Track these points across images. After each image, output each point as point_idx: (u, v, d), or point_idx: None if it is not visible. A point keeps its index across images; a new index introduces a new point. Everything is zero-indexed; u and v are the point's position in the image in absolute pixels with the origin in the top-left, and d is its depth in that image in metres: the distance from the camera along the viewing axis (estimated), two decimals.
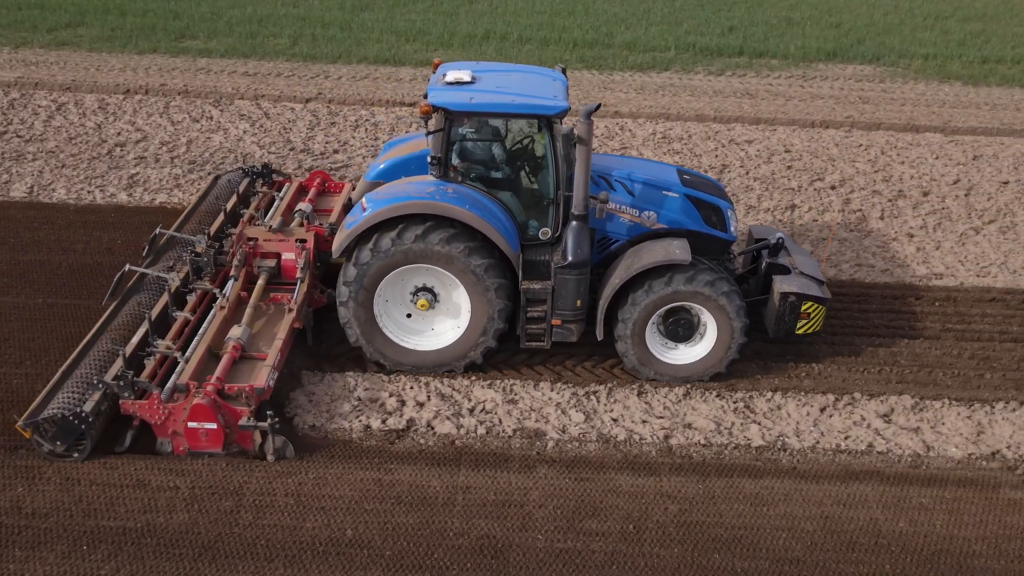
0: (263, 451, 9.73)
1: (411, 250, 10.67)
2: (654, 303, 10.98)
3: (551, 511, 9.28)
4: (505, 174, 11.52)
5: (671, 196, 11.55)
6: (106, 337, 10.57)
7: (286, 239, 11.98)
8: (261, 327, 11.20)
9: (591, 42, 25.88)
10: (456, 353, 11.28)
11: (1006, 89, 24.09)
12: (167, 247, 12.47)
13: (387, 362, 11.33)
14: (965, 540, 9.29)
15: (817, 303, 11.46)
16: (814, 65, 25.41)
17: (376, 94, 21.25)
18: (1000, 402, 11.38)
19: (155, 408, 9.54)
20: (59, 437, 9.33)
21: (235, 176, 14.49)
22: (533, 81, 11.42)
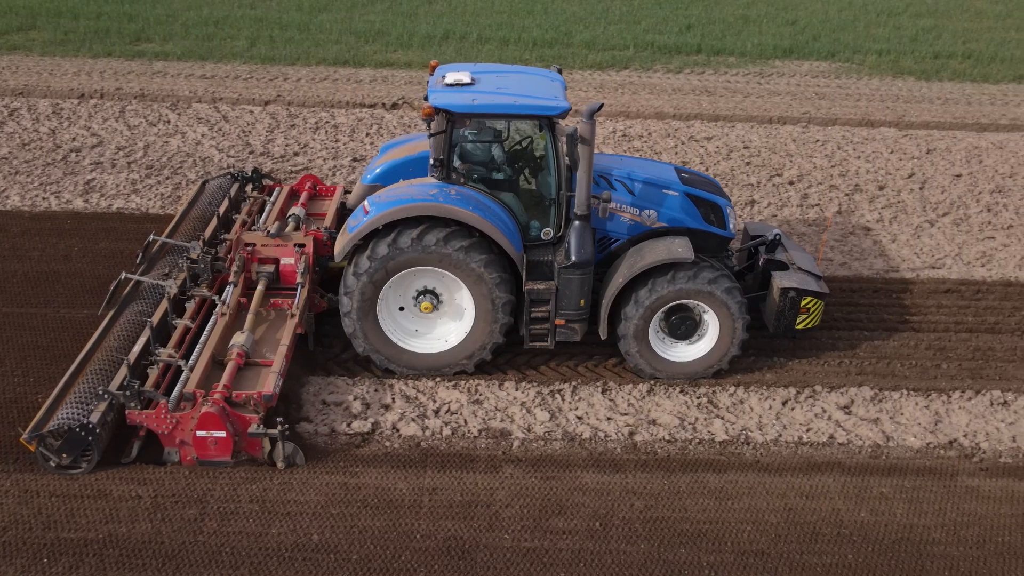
0: (272, 458, 9.65)
1: (415, 253, 10.62)
2: (657, 302, 11.04)
3: (518, 510, 9.30)
4: (507, 175, 11.54)
5: (671, 194, 11.61)
6: (106, 347, 10.42)
7: (284, 244, 11.87)
8: (263, 333, 11.12)
9: (550, 41, 25.94)
10: (463, 352, 11.26)
11: (957, 84, 24.52)
12: (159, 254, 12.33)
13: (395, 367, 11.31)
14: (925, 528, 9.45)
15: (816, 298, 11.61)
16: (771, 62, 25.67)
17: (336, 96, 21.15)
18: (956, 391, 11.59)
19: (162, 418, 9.42)
20: (65, 449, 9.19)
21: (224, 181, 14.34)
22: (532, 82, 11.43)
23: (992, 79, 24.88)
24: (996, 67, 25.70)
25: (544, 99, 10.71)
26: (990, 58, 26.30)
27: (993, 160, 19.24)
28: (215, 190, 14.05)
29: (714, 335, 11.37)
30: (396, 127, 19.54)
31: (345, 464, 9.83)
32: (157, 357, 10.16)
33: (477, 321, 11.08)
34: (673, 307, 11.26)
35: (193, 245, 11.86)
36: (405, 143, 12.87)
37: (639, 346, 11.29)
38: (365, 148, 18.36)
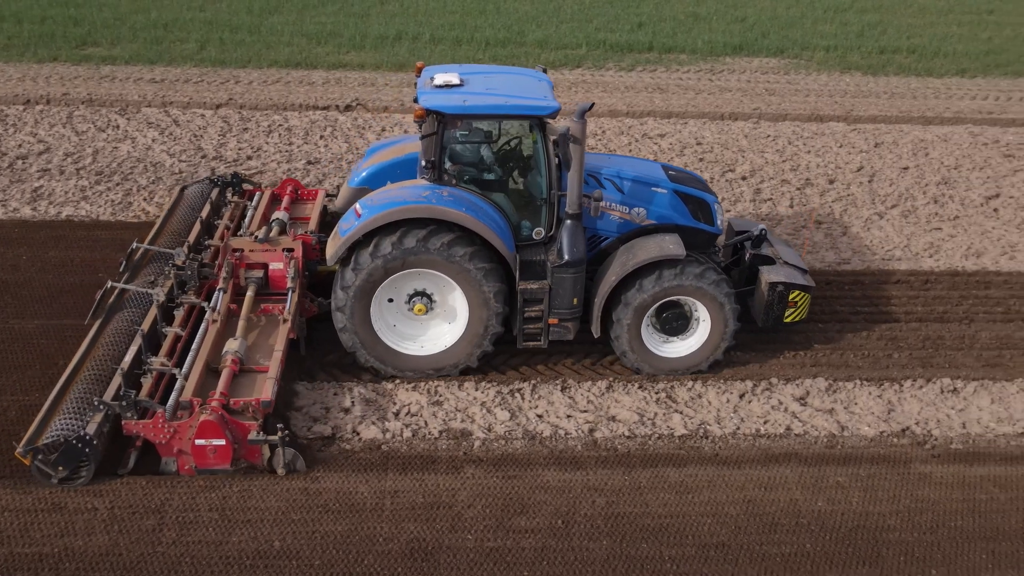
0: (272, 465, 9.58)
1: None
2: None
3: (480, 510, 9.31)
4: (498, 176, 11.55)
5: (660, 192, 11.69)
6: (96, 356, 10.25)
7: (273, 249, 11.76)
8: (255, 339, 11.01)
9: (503, 41, 25.97)
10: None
11: (903, 78, 24.98)
12: (142, 262, 12.16)
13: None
14: (880, 515, 9.63)
15: (803, 291, 11.79)
16: (721, 59, 25.96)
17: (289, 98, 20.99)
18: (908, 380, 11.82)
19: (160, 427, 9.30)
20: (62, 462, 9.01)
21: (203, 186, 14.15)
22: (520, 82, 11.46)
23: (936, 73, 25.39)
24: (939, 61, 26.23)
25: (535, 99, 10.77)
26: (933, 53, 26.85)
27: (939, 152, 19.64)
28: (195, 196, 13.89)
29: (706, 329, 11.51)
30: (350, 129, 19.44)
31: (306, 468, 9.76)
32: (150, 366, 10.02)
33: (471, 325, 11.09)
34: (664, 304, 11.36)
35: (178, 252, 11.70)
36: (391, 145, 12.85)
37: (632, 344, 11.39)
38: (319, 151, 18.24)
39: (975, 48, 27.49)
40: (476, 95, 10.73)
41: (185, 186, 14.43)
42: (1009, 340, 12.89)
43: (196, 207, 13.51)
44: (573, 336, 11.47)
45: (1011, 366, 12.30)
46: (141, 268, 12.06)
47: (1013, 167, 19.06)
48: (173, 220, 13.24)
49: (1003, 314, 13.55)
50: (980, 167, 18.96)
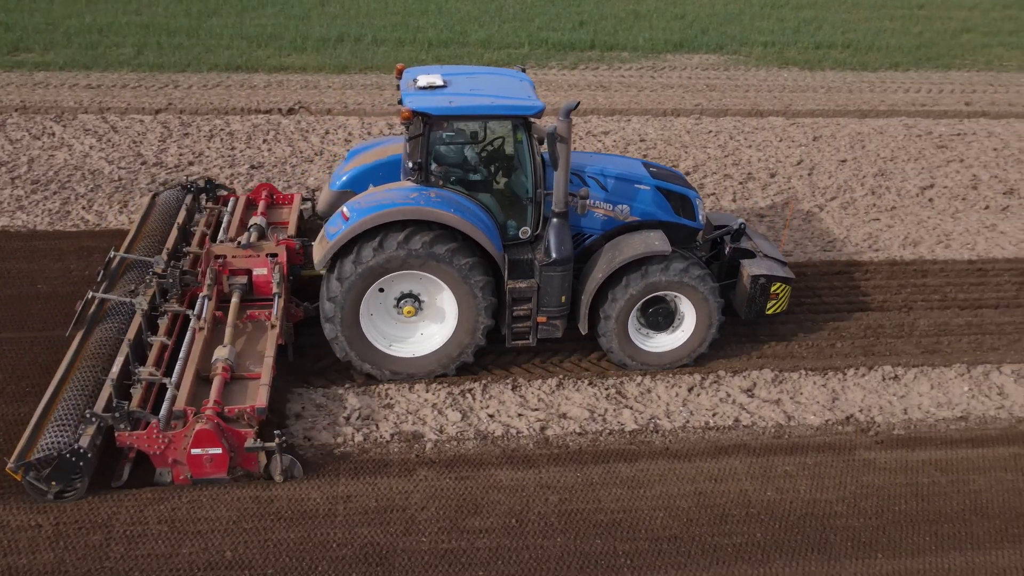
0: (269, 472, 9.50)
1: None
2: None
3: (433, 512, 9.31)
4: (484, 176, 11.56)
5: (643, 189, 11.80)
6: (81, 368, 10.05)
7: (256, 255, 11.64)
8: (242, 346, 10.87)
9: (446, 41, 25.94)
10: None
11: (839, 73, 25.47)
12: (119, 270, 11.94)
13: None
14: (827, 502, 9.82)
15: (784, 283, 12.02)
16: (662, 56, 26.22)
17: (230, 102, 20.72)
18: (851, 368, 12.06)
19: (154, 438, 9.14)
20: (55, 477, 8.84)
21: (175, 193, 13.95)
22: (502, 82, 11.46)
23: (871, 67, 25.94)
24: (874, 55, 26.80)
25: (520, 99, 10.81)
26: (868, 47, 27.42)
27: (875, 145, 20.07)
28: (168, 203, 13.69)
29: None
30: (294, 132, 19.26)
31: (256, 476, 9.65)
32: (138, 376, 9.87)
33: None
34: (649, 299, 11.48)
35: (157, 260, 11.54)
36: (371, 148, 12.83)
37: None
38: (263, 155, 18.04)
39: (907, 42, 28.15)
40: (462, 96, 10.74)
41: (156, 193, 14.24)
42: (946, 327, 13.23)
43: (171, 214, 13.34)
44: (561, 334, 11.58)
45: (949, 352, 12.63)
46: (118, 277, 11.86)
47: (946, 158, 19.55)
48: (147, 227, 13.06)
49: (940, 301, 13.90)
50: (915, 158, 19.42)
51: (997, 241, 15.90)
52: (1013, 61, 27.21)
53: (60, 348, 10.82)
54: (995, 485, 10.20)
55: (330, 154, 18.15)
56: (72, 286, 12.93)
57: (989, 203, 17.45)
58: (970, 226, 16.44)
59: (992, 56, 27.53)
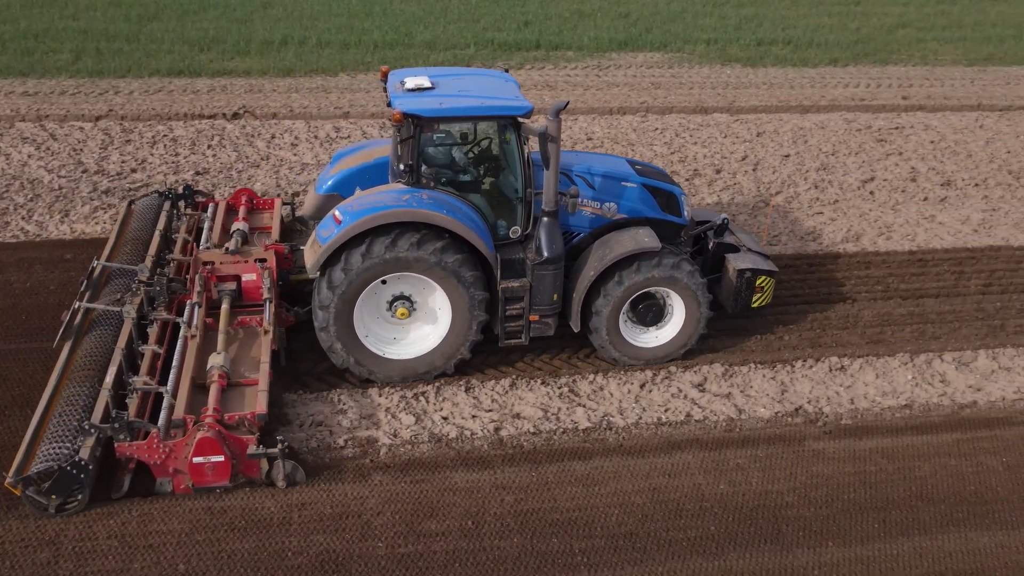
0: (272, 478, 9.45)
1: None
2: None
3: (389, 517, 9.28)
4: (474, 177, 11.57)
5: (630, 186, 11.91)
6: (73, 379, 9.90)
7: (245, 260, 11.54)
8: (235, 352, 10.77)
9: (392, 43, 25.85)
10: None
11: (780, 69, 25.89)
12: (101, 279, 11.73)
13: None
14: (778, 493, 9.98)
15: (769, 276, 12.22)
16: (607, 55, 26.40)
17: (173, 108, 20.42)
18: (799, 360, 12.27)
19: (155, 447, 9.04)
20: (55, 490, 8.70)
21: (152, 200, 13.77)
22: (488, 83, 11.50)
23: (811, 63, 26.39)
24: (813, 51, 27.27)
25: (509, 99, 10.86)
26: (807, 43, 27.90)
27: (817, 140, 20.43)
28: (145, 210, 13.53)
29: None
30: (239, 137, 19.04)
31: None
32: (133, 386, 9.72)
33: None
34: (638, 296, 11.60)
35: (141, 268, 11.37)
36: (357, 151, 12.81)
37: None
38: (208, 160, 17.81)
39: (845, 38, 28.69)
40: (451, 97, 10.75)
41: (132, 200, 14.06)
42: (889, 317, 13.52)
43: (149, 221, 13.18)
44: (553, 331, 11.69)
45: (892, 341, 12.91)
46: (101, 286, 11.69)
47: (885, 151, 19.97)
48: (126, 235, 12.90)
49: (883, 292, 14.21)
50: (855, 152, 19.81)
51: (936, 232, 16.29)
52: (947, 55, 27.88)
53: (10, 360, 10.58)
54: (939, 471, 10.45)
55: (276, 159, 17.98)
56: (13, 299, 12.69)
57: (928, 195, 17.86)
58: (910, 217, 16.81)
59: (927, 51, 28.18)
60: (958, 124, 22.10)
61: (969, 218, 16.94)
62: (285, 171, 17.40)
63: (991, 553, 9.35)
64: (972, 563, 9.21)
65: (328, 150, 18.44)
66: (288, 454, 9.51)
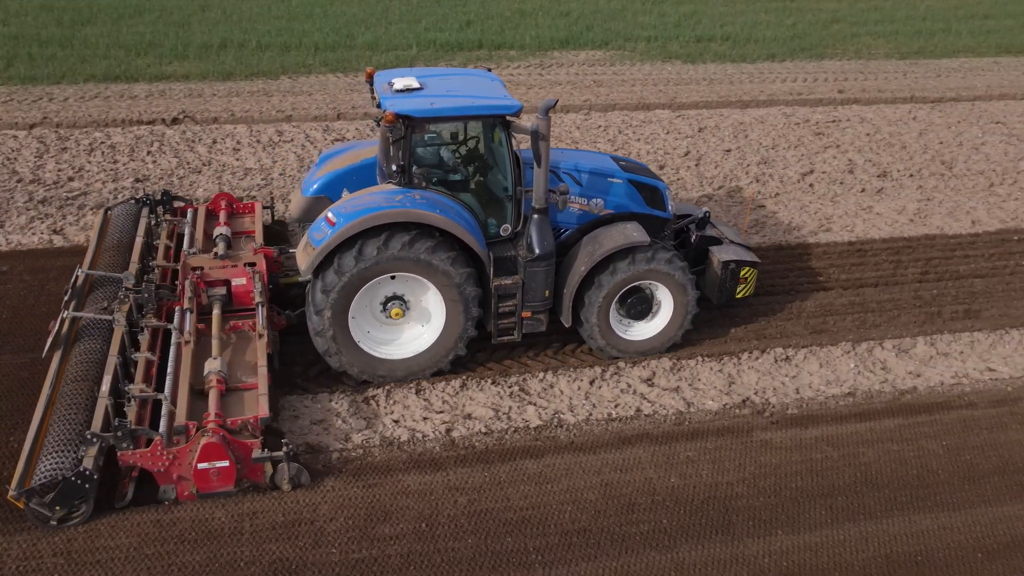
0: (276, 482, 9.43)
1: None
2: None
3: (342, 523, 9.22)
4: (464, 176, 11.68)
5: (616, 182, 12.06)
6: (68, 389, 9.75)
7: (234, 265, 11.51)
8: (230, 357, 10.64)
9: (333, 45, 25.67)
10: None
11: (720, 65, 26.23)
12: (84, 288, 11.50)
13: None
14: (728, 484, 10.13)
15: (752, 267, 12.46)
16: (549, 53, 26.50)
17: (110, 114, 20.04)
18: (745, 353, 12.46)
19: (159, 455, 8.98)
20: (59, 501, 8.61)
21: (128, 207, 13.57)
22: (475, 83, 11.64)
23: (749, 59, 26.79)
24: (751, 47, 27.68)
25: (498, 99, 10.95)
26: (745, 39, 28.31)
27: (757, 134, 20.76)
28: (123, 217, 13.31)
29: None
30: (179, 143, 18.75)
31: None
32: (130, 393, 9.58)
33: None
34: (628, 289, 11.76)
35: (126, 275, 11.18)
36: (343, 152, 12.80)
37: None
38: (148, 167, 17.51)
39: (782, 34, 29.17)
40: (442, 98, 10.81)
41: (108, 208, 13.84)
42: (831, 307, 13.79)
43: (127, 229, 12.98)
44: (545, 327, 11.84)
45: (835, 331, 13.18)
46: (84, 295, 11.47)
47: (823, 144, 20.36)
48: (106, 243, 12.71)
49: (824, 283, 14.49)
50: (795, 145, 20.16)
51: (874, 222, 16.66)
52: (880, 49, 28.50)
53: None
54: (883, 456, 10.70)
55: (218, 164, 17.75)
56: None
57: (865, 186, 18.25)
58: (848, 209, 17.16)
59: (861, 45, 28.78)
60: (892, 116, 22.62)
61: (905, 208, 17.35)
62: (228, 176, 17.19)
63: (934, 535, 9.60)
64: (916, 545, 9.45)
65: (271, 154, 18.26)
66: (293, 457, 9.51)
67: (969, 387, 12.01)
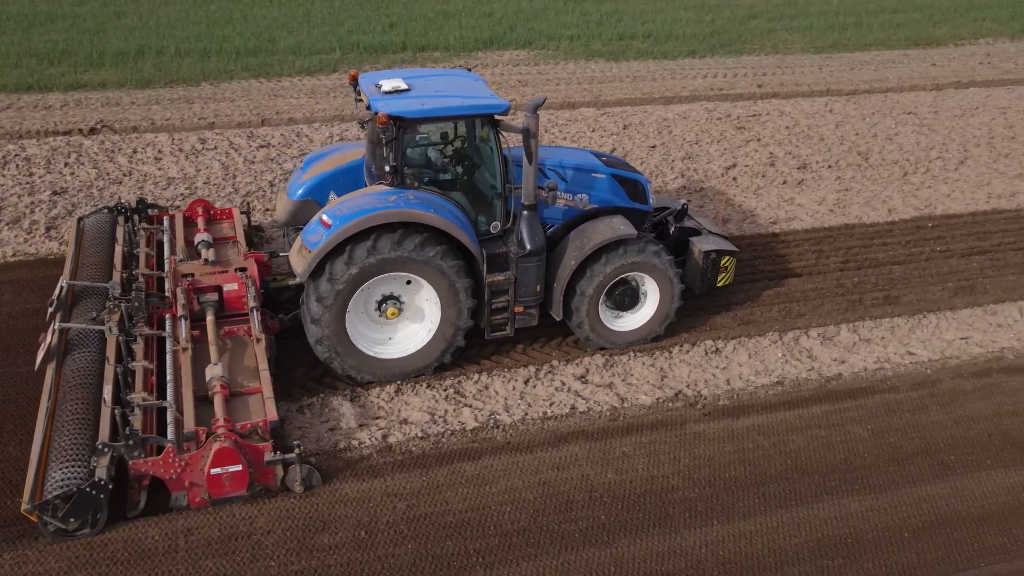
0: (288, 484, 9.53)
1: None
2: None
3: (280, 535, 9.12)
4: (454, 175, 11.86)
5: (600, 177, 12.29)
6: (67, 399, 9.62)
7: (225, 270, 11.54)
8: (228, 362, 10.66)
9: (254, 50, 25.29)
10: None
11: (642, 62, 26.55)
12: (67, 298, 11.27)
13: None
14: (664, 477, 10.29)
15: (731, 256, 12.80)
16: (474, 54, 26.51)
17: (23, 125, 19.42)
18: (676, 346, 12.66)
19: (171, 462, 8.96)
20: (73, 513, 8.58)
21: (101, 216, 13.27)
22: (461, 82, 11.74)
23: (670, 56, 27.18)
24: (672, 44, 28.09)
25: (486, 98, 11.10)
26: (666, 36, 28.71)
27: (680, 130, 21.08)
28: (97, 227, 13.02)
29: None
30: (98, 153, 18.27)
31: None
32: (134, 402, 9.43)
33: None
34: (615, 282, 11.97)
35: (112, 284, 11.00)
36: (328, 155, 12.78)
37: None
38: (66, 179, 17.03)
39: (701, 30, 29.66)
40: (432, 98, 10.91)
41: (81, 217, 13.51)
42: (758, 298, 14.10)
43: (104, 238, 12.71)
44: (536, 322, 12.10)
45: (762, 321, 13.47)
46: (68, 305, 11.25)
47: (745, 138, 20.77)
48: (84, 253, 12.44)
49: (751, 275, 14.80)
50: (717, 140, 20.53)
51: (795, 213, 17.07)
52: (796, 44, 29.18)
53: None
54: (812, 443, 10.98)
55: (140, 174, 17.36)
56: None
57: (786, 178, 18.68)
58: (771, 201, 17.55)
59: (777, 40, 29.42)
60: (810, 109, 23.18)
61: (825, 199, 17.81)
62: (150, 186, 16.83)
63: (862, 517, 9.89)
64: (845, 528, 9.73)
65: (194, 162, 17.93)
66: (305, 459, 9.50)
67: (891, 371, 12.39)
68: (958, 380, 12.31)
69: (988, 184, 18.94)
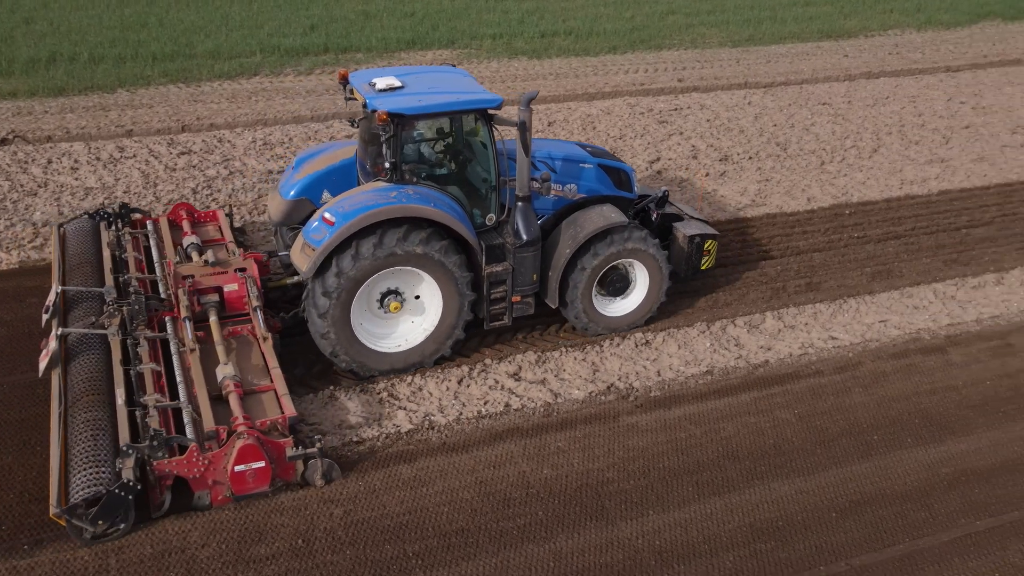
0: (308, 478, 9.72)
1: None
2: (599, 264, 12.22)
3: (215, 548, 8.98)
4: (450, 169, 12.13)
5: (587, 167, 12.57)
6: (80, 404, 9.65)
7: (225, 271, 11.59)
8: (236, 361, 10.78)
9: (171, 54, 24.74)
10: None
11: (565, 59, 26.73)
12: (59, 304, 11.18)
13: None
14: (599, 471, 10.42)
15: (713, 240, 13.15)
16: (396, 54, 26.37)
17: None
18: (606, 340, 12.81)
19: (195, 461, 9.05)
20: (102, 515, 8.66)
21: (82, 223, 13.28)
22: (450, 79, 12.01)
23: (592, 52, 27.41)
24: (594, 41, 28.32)
25: (479, 93, 11.41)
26: (588, 33, 28.93)
27: (605, 125, 21.29)
28: (80, 233, 12.86)
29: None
30: (11, 165, 17.70)
31: (9, 544, 8.88)
32: (148, 404, 9.55)
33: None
34: (606, 269, 12.18)
35: (107, 289, 11.15)
36: (319, 155, 12.84)
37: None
38: None
39: (621, 27, 29.96)
40: (427, 95, 11.13)
41: (61, 224, 13.28)
42: (684, 289, 14.32)
43: (88, 244, 12.55)
44: (532, 311, 12.46)
45: (690, 312, 13.71)
46: (61, 311, 11.15)
47: (667, 132, 21.09)
48: (71, 260, 12.26)
49: None
50: (641, 135, 20.80)
51: (719, 205, 17.40)
52: (714, 38, 29.68)
53: None
54: (742, 430, 11.23)
55: (56, 185, 16.88)
56: None
57: (708, 170, 19.02)
58: (695, 193, 17.84)
59: (696, 35, 29.89)
60: (729, 102, 23.63)
61: (746, 189, 18.19)
62: (67, 197, 16.38)
63: (792, 499, 10.16)
64: (776, 511, 9.98)
65: (112, 171, 17.51)
66: (325, 453, 9.74)
67: (815, 356, 12.74)
68: (878, 362, 12.71)
69: (900, 171, 19.55)
